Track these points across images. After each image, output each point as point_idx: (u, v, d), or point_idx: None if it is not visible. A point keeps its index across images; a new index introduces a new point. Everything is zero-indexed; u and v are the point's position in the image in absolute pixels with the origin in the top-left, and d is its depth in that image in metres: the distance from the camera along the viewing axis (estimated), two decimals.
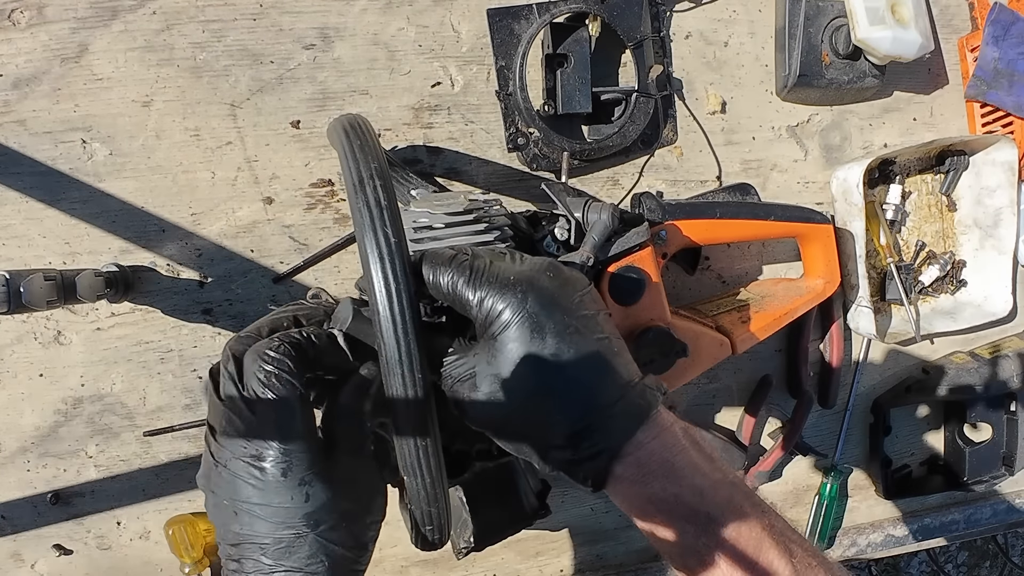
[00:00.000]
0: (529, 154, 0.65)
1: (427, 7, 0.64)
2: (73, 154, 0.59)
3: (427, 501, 0.40)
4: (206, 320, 0.63)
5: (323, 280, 0.64)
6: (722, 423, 0.76)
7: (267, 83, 0.62)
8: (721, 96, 0.71)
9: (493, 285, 0.40)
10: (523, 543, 0.73)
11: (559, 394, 0.40)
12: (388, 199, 0.38)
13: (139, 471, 0.63)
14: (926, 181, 0.78)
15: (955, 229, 0.79)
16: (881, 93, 0.75)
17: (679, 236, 0.60)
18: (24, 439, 0.61)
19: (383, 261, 0.37)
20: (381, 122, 0.64)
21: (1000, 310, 0.76)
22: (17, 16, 0.57)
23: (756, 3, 0.72)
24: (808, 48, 0.69)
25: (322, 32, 0.62)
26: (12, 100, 0.58)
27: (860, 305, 0.72)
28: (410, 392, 0.38)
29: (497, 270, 0.41)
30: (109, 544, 0.64)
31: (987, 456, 0.78)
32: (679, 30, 0.70)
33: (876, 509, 0.82)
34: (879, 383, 0.80)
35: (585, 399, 0.40)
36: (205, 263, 0.62)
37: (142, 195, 0.61)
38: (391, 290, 0.37)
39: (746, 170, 0.73)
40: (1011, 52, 0.73)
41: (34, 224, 0.59)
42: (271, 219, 0.63)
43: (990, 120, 0.77)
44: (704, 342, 0.60)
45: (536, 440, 0.41)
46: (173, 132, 0.61)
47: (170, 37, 0.60)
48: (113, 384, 0.62)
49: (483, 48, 0.65)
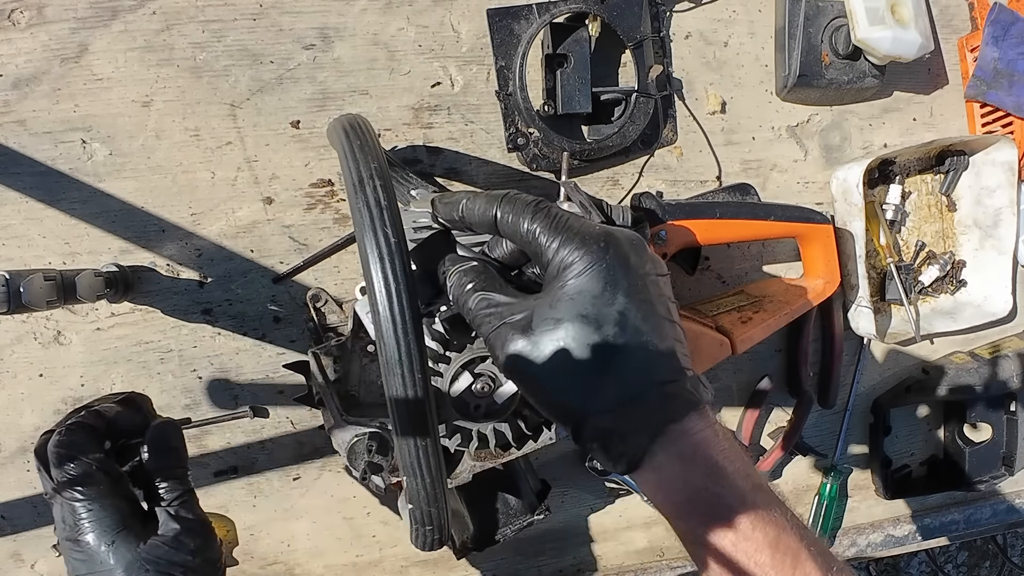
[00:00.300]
0: (529, 154, 0.65)
1: (427, 7, 0.64)
2: (73, 154, 0.59)
3: (427, 501, 0.40)
4: (206, 320, 0.63)
5: (323, 280, 0.64)
6: (722, 423, 0.76)
7: (267, 83, 0.62)
8: (721, 96, 0.71)
9: (577, 233, 0.38)
10: (523, 543, 0.73)
11: (618, 354, 0.37)
12: (388, 199, 0.38)
13: None
14: (926, 181, 0.78)
15: (955, 229, 0.79)
16: (881, 93, 0.75)
17: (679, 236, 0.60)
18: (24, 439, 0.61)
19: (383, 261, 0.37)
20: (381, 122, 0.64)
21: (1000, 310, 0.76)
22: (17, 16, 0.57)
23: (756, 3, 0.72)
24: (808, 48, 0.69)
25: (322, 32, 0.62)
26: (12, 100, 0.58)
27: (860, 305, 0.72)
28: (410, 392, 0.38)
29: (581, 223, 0.40)
30: None
31: (987, 456, 0.78)
32: (679, 30, 0.70)
33: (876, 509, 0.82)
34: (879, 383, 0.80)
35: (642, 368, 0.38)
36: (205, 263, 0.62)
37: (142, 195, 0.61)
38: (391, 290, 0.37)
39: (746, 170, 0.73)
40: (1011, 52, 0.73)
41: (34, 224, 0.59)
42: (271, 219, 0.63)
43: (990, 120, 0.77)
44: (704, 342, 0.60)
45: (579, 402, 0.38)
46: (173, 132, 0.61)
47: (170, 37, 0.60)
48: (113, 384, 0.62)
49: (483, 48, 0.65)
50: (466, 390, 0.47)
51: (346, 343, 0.58)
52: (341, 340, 0.58)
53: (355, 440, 0.53)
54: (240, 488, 0.66)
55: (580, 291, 0.38)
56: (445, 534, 0.43)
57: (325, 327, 0.63)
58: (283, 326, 0.64)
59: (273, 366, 0.64)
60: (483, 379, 0.47)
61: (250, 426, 0.65)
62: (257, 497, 0.66)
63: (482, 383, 0.47)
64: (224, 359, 0.64)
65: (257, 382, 0.64)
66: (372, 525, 0.69)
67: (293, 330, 0.64)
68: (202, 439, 0.64)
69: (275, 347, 0.64)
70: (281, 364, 0.62)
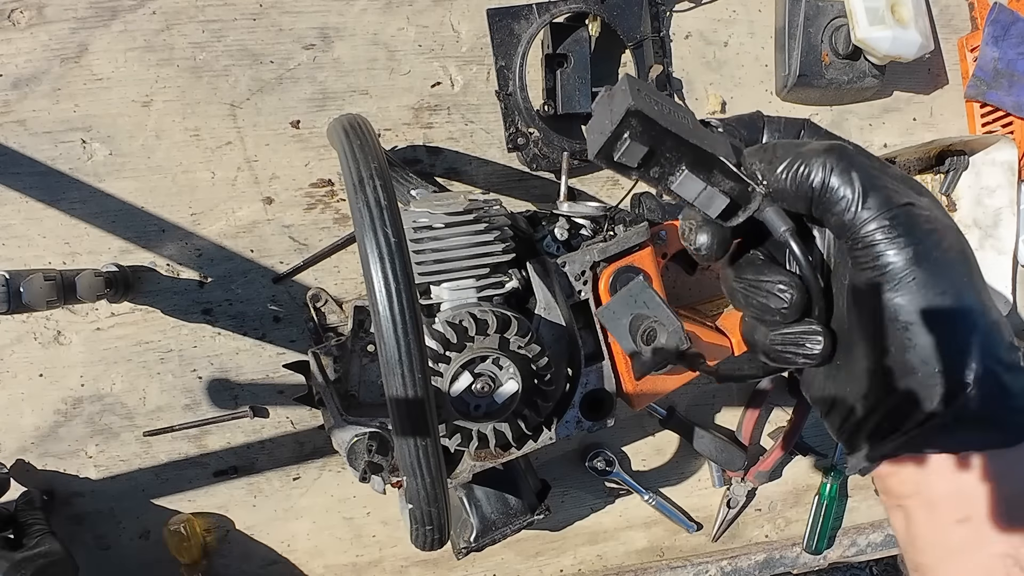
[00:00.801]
0: (529, 154, 0.65)
1: (427, 7, 0.64)
2: (73, 154, 0.59)
3: (427, 501, 0.40)
4: (206, 320, 0.63)
5: (323, 280, 0.64)
6: (722, 423, 0.76)
7: (267, 83, 0.62)
8: (721, 96, 0.71)
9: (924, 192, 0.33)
10: (523, 543, 0.73)
11: (986, 315, 0.32)
12: (388, 199, 0.38)
13: (139, 471, 0.63)
14: (926, 181, 0.78)
15: None
16: (881, 93, 0.75)
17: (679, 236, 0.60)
18: (24, 439, 0.61)
19: (383, 261, 0.37)
20: (381, 122, 0.64)
21: (1000, 310, 0.76)
22: (17, 16, 0.57)
23: (756, 3, 0.72)
24: (808, 48, 0.69)
25: (322, 32, 0.62)
26: (12, 100, 0.58)
27: None
28: (410, 392, 0.38)
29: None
30: (109, 544, 0.64)
31: None
32: (679, 30, 0.70)
33: (876, 509, 0.82)
34: None
35: (1000, 342, 0.32)
36: (205, 263, 0.62)
37: (142, 195, 0.61)
38: (391, 290, 0.37)
39: None
40: (1011, 52, 0.73)
41: (34, 224, 0.59)
42: (271, 219, 0.63)
43: (990, 120, 0.76)
44: (704, 342, 0.60)
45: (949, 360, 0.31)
46: (173, 132, 0.61)
47: (170, 37, 0.60)
48: (113, 384, 0.62)
49: (483, 48, 0.65)
50: (466, 390, 0.47)
51: (346, 343, 0.58)
52: (341, 340, 0.58)
53: (355, 440, 0.53)
54: (240, 488, 0.66)
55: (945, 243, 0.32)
56: (445, 534, 0.43)
57: (325, 327, 0.63)
58: (283, 326, 0.64)
59: (273, 366, 0.64)
60: (483, 379, 0.47)
61: (250, 426, 0.65)
62: (257, 497, 0.66)
63: (482, 383, 0.47)
64: (224, 359, 0.64)
65: (257, 382, 0.64)
66: (372, 525, 0.69)
67: (293, 330, 0.64)
68: (202, 439, 0.64)
69: (275, 347, 0.64)
70: (281, 364, 0.62)
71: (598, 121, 0.34)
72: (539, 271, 0.53)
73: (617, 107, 0.32)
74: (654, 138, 0.32)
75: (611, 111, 0.33)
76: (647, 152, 0.32)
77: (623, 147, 0.32)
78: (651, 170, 0.33)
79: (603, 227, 0.57)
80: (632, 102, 0.31)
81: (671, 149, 0.32)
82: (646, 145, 0.32)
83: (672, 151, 0.32)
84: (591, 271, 0.54)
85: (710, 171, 0.33)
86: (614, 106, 0.33)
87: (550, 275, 0.53)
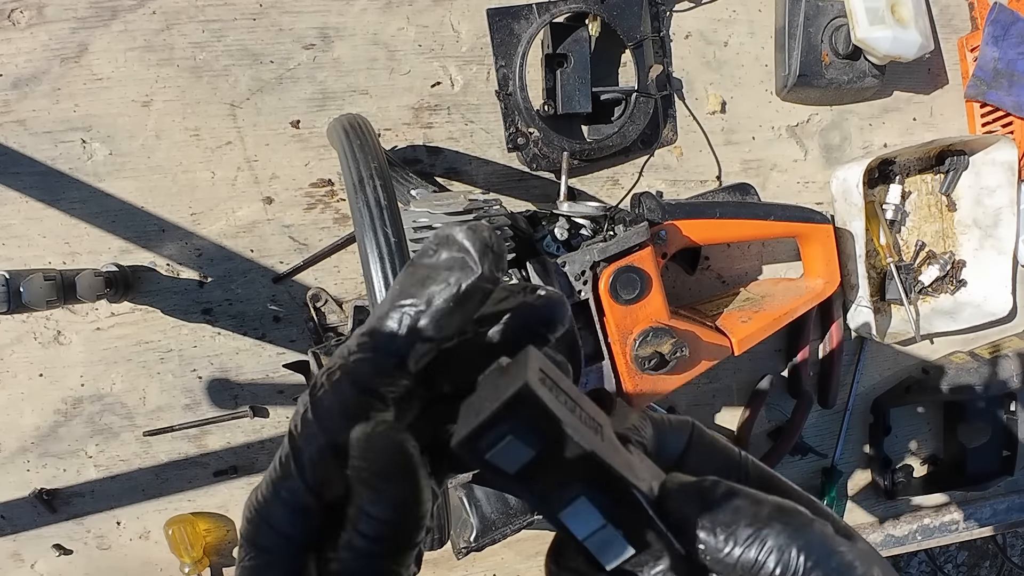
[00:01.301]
0: (529, 154, 0.65)
1: (427, 7, 0.64)
2: (73, 154, 0.59)
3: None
4: (206, 320, 0.63)
5: (323, 280, 0.64)
6: (722, 423, 0.76)
7: (267, 83, 0.62)
8: (721, 96, 0.71)
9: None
10: (523, 543, 0.73)
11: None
12: (388, 199, 0.39)
13: (139, 471, 0.63)
14: (926, 181, 0.78)
15: (955, 229, 0.79)
16: (881, 93, 0.75)
17: (679, 236, 0.60)
18: (24, 439, 0.61)
19: (383, 261, 0.37)
20: (381, 122, 0.64)
21: (1000, 310, 0.76)
22: (17, 16, 0.57)
23: (756, 3, 0.72)
24: (808, 48, 0.69)
25: (322, 32, 0.62)
26: (12, 100, 0.58)
27: (860, 305, 0.72)
28: None
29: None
30: (109, 544, 0.64)
31: (987, 456, 0.78)
32: (679, 30, 0.70)
33: (876, 509, 0.82)
34: (879, 383, 0.80)
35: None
36: (205, 263, 0.62)
37: (142, 195, 0.61)
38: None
39: (746, 170, 0.73)
40: (1011, 52, 0.73)
41: (34, 224, 0.59)
42: (271, 219, 0.63)
43: (990, 120, 0.77)
44: (704, 342, 0.60)
45: None
46: (173, 132, 0.61)
47: (170, 37, 0.60)
48: (113, 384, 0.62)
49: (483, 48, 0.65)
50: None
51: None
52: (341, 340, 0.58)
53: None
54: (240, 488, 0.66)
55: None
56: (445, 534, 0.43)
57: (325, 327, 0.63)
58: (283, 326, 0.64)
59: (273, 366, 0.64)
60: None
61: (250, 426, 0.65)
62: None
63: None
64: (224, 359, 0.64)
65: (257, 382, 0.64)
66: None
67: (293, 330, 0.64)
68: (202, 439, 0.64)
69: (275, 347, 0.64)
70: (281, 364, 0.62)
71: (478, 399, 0.22)
72: (539, 271, 0.53)
73: (506, 385, 0.21)
74: (547, 440, 0.21)
75: (497, 387, 0.22)
76: (532, 458, 0.21)
77: (500, 443, 0.21)
78: (532, 486, 0.22)
79: (603, 227, 0.57)
80: (527, 382, 0.20)
81: (567, 464, 0.21)
82: (533, 448, 0.21)
83: (568, 466, 0.21)
84: (591, 271, 0.54)
85: (616, 504, 0.22)
86: (503, 382, 0.22)
87: (550, 275, 0.53)
